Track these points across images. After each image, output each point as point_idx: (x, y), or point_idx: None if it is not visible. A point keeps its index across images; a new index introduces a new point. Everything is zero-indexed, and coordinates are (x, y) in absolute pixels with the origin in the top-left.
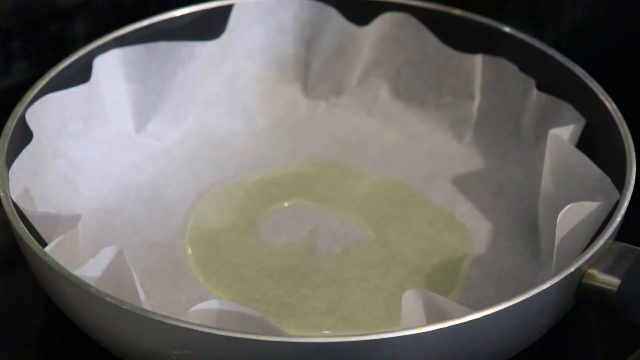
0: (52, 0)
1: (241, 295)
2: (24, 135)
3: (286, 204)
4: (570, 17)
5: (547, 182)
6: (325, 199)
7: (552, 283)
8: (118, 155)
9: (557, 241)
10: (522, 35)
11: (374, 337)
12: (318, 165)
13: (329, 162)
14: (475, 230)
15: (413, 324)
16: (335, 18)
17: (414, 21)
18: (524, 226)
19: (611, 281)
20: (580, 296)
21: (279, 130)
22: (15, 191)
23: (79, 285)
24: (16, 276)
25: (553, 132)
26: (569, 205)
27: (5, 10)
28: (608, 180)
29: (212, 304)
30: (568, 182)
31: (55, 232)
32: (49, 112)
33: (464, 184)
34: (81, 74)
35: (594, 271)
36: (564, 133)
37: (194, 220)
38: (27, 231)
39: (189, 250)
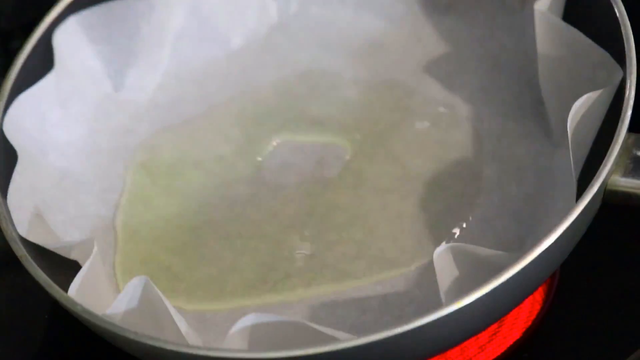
0: (52, 0)
1: (269, 256)
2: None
3: (286, 136)
4: None
5: (544, 62)
6: (323, 120)
7: (576, 214)
8: (105, 122)
9: (570, 136)
10: None
11: (418, 323)
12: (307, 80)
13: (315, 72)
14: (481, 118)
15: (449, 279)
16: None
17: None
18: (529, 101)
19: (635, 184)
20: (607, 200)
21: (257, 46)
22: (22, 222)
23: (116, 332)
24: (18, 277)
25: (538, 7)
26: (576, 103)
27: (5, 11)
28: (607, 55)
29: (248, 320)
30: (566, 61)
31: (73, 252)
32: (25, 114)
33: (458, 63)
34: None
35: (616, 177)
36: (549, 7)
37: (198, 179)
38: (48, 279)
39: (205, 216)
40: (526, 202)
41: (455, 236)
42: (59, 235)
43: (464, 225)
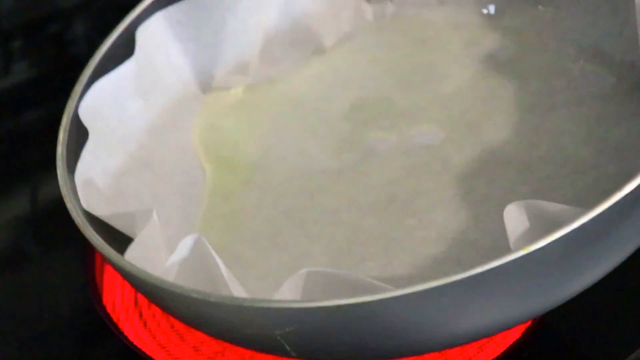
0: (52, 0)
1: (345, 240)
2: (78, 135)
3: (374, 128)
4: None
5: None
6: (414, 110)
7: None
8: (189, 120)
9: None
10: None
11: (484, 268)
12: (397, 75)
13: (407, 67)
14: (579, 103)
15: (522, 240)
16: None
17: None
18: (631, 84)
19: None
20: None
21: (349, 46)
22: (85, 195)
23: (163, 288)
24: (18, 276)
25: None
26: None
27: (5, 11)
28: None
29: (301, 274)
30: None
31: (135, 226)
32: (103, 101)
33: (558, 52)
34: (124, 50)
35: None
36: None
37: (282, 173)
38: (102, 240)
39: (283, 206)
40: (625, 181)
41: None
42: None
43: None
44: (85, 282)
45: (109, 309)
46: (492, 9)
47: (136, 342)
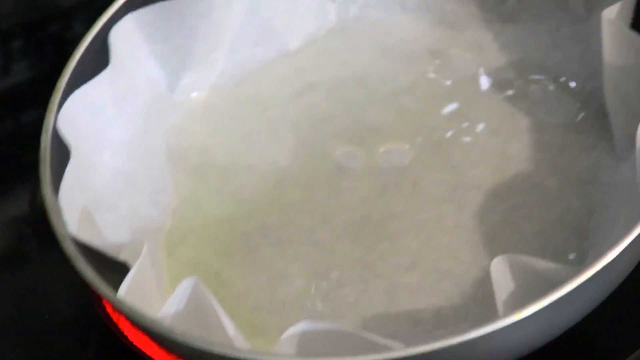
0: (52, 0)
1: (321, 263)
2: (59, 151)
3: (341, 142)
4: None
5: (609, 72)
6: (381, 126)
7: None
8: (158, 122)
9: (638, 152)
10: None
11: (473, 335)
12: (364, 86)
13: (373, 77)
14: (543, 129)
15: (506, 291)
16: None
17: None
18: (593, 112)
19: None
20: None
21: (314, 48)
22: (72, 220)
23: (163, 334)
24: (19, 276)
25: (606, 15)
26: None
27: (5, 11)
28: None
29: (299, 327)
30: (632, 72)
31: (122, 253)
32: (79, 110)
33: (521, 71)
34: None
35: None
36: (617, 15)
37: (252, 184)
38: (98, 279)
39: (257, 221)
40: (588, 217)
41: (513, 249)
42: (108, 235)
43: (523, 238)
44: (85, 282)
45: (108, 309)
46: (454, 21)
47: (136, 342)
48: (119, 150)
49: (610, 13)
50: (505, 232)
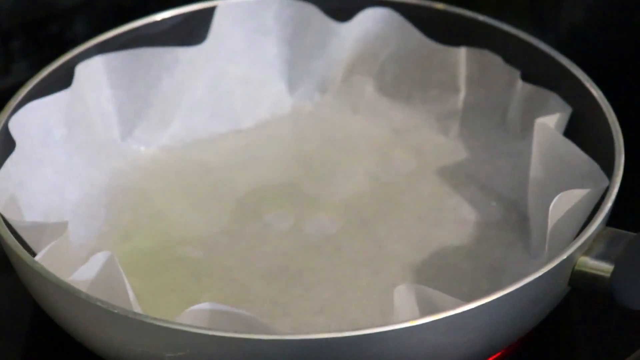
0: (52, 0)
1: (233, 296)
2: (5, 145)
3: (276, 206)
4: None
5: (535, 171)
6: (316, 199)
7: (544, 271)
8: (104, 161)
9: (549, 229)
10: (505, 27)
11: (367, 331)
12: (305, 165)
13: (316, 161)
14: (465, 223)
15: (406, 318)
16: (316, 15)
17: (396, 16)
18: (514, 217)
19: (604, 267)
20: (573, 283)
21: (265, 131)
22: (1, 200)
23: (69, 292)
24: (3, 281)
25: (540, 121)
26: (560, 194)
27: (5, 10)
28: (597, 166)
29: (203, 306)
30: (557, 171)
31: (43, 241)
32: (32, 120)
33: (452, 177)
34: (64, 79)
35: (586, 258)
36: (550, 122)
37: (182, 225)
38: (15, 240)
39: (179, 254)
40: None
41: None
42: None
43: None
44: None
45: None
46: (400, 127)
47: None
48: (61, 170)
49: (544, 120)
50: None
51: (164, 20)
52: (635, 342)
